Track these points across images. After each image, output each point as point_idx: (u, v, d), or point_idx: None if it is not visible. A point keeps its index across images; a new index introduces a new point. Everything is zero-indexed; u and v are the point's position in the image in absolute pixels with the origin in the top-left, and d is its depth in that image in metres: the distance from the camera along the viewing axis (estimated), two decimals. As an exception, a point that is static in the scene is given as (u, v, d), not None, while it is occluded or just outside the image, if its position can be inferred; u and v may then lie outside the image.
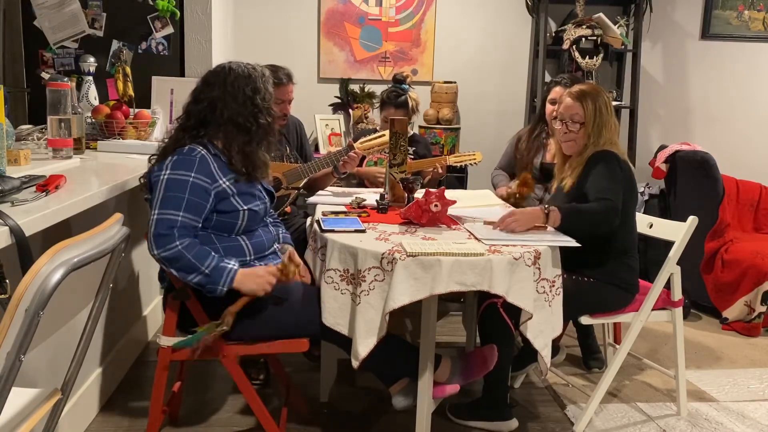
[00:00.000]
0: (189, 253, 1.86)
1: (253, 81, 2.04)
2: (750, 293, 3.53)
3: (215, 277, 1.88)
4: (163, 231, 1.86)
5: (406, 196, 2.50)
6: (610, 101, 2.45)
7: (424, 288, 1.88)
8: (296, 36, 4.31)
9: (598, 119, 2.37)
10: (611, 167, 2.31)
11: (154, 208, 1.90)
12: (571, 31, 4.08)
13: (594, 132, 2.38)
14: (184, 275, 1.87)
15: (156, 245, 1.85)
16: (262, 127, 2.05)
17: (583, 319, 2.38)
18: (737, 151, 4.58)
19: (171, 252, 1.85)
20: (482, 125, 4.47)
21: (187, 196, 1.90)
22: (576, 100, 2.40)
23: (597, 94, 2.41)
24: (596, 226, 2.24)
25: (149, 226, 1.88)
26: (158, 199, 1.90)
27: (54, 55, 3.42)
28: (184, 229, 1.88)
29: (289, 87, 2.78)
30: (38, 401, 1.40)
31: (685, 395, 2.57)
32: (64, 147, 2.35)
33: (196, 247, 1.88)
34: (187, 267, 1.86)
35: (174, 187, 1.91)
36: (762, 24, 4.53)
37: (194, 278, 1.87)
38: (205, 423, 2.40)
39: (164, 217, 1.87)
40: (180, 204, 1.89)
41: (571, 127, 2.40)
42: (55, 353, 1.91)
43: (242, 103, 2.01)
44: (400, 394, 2.10)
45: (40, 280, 1.11)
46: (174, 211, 1.88)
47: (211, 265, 1.88)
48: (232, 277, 1.89)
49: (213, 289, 1.88)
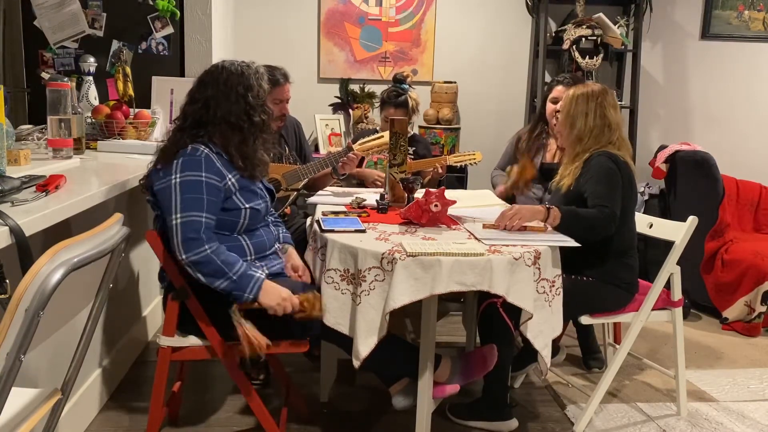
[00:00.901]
0: (218, 258, 1.85)
1: (245, 78, 2.03)
2: (750, 293, 3.53)
3: (242, 284, 1.87)
4: (191, 235, 1.85)
5: (406, 196, 2.50)
6: (611, 102, 2.45)
7: (424, 288, 1.88)
8: (296, 36, 4.31)
9: (574, 110, 2.40)
10: (610, 172, 2.32)
11: (175, 213, 1.87)
12: (571, 31, 4.08)
13: (570, 123, 2.41)
14: (212, 280, 1.86)
15: (185, 249, 1.84)
16: (256, 125, 2.04)
17: (583, 319, 2.38)
18: (737, 151, 4.58)
19: (200, 256, 1.84)
20: (482, 125, 4.47)
21: (206, 196, 1.90)
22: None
23: (593, 93, 2.42)
24: (592, 232, 2.25)
25: (173, 230, 1.85)
26: (177, 202, 1.88)
27: (54, 55, 3.42)
28: (209, 231, 1.88)
29: (285, 87, 2.78)
30: (38, 401, 1.40)
31: (685, 395, 2.57)
32: (64, 147, 2.35)
33: (224, 253, 1.88)
34: (215, 272, 1.85)
35: (190, 188, 1.89)
36: (762, 24, 4.53)
37: (221, 284, 1.86)
38: (205, 423, 2.40)
39: (188, 220, 1.86)
40: (201, 205, 1.89)
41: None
42: (55, 353, 1.91)
43: (234, 102, 2.01)
44: (400, 394, 2.10)
45: (40, 280, 1.11)
46: (198, 213, 1.87)
47: (240, 271, 1.87)
48: (260, 286, 1.89)
49: (239, 296, 1.87)
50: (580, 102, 2.41)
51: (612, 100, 2.45)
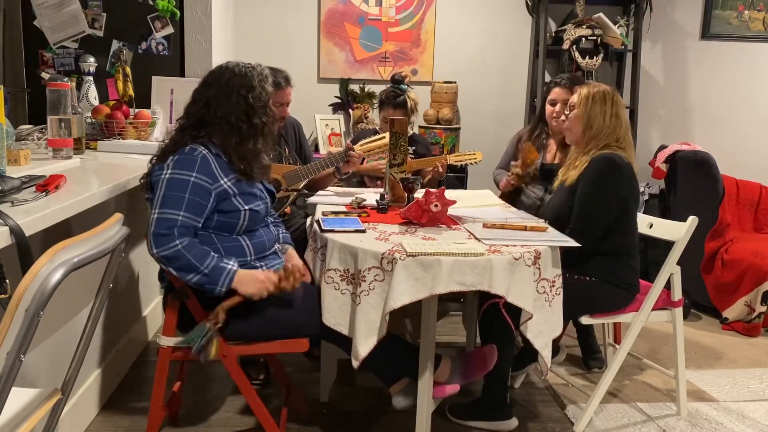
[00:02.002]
0: (188, 253, 1.86)
1: (248, 80, 2.03)
2: (750, 293, 3.53)
3: (214, 277, 1.88)
4: (163, 230, 1.86)
5: (406, 196, 2.50)
6: (621, 102, 2.46)
7: (424, 288, 1.88)
8: (296, 36, 4.31)
9: (591, 110, 2.40)
10: (599, 183, 2.32)
11: (155, 207, 1.90)
12: (571, 31, 4.08)
13: (589, 123, 2.40)
14: (183, 275, 1.87)
15: (155, 244, 1.85)
16: (255, 126, 2.04)
17: (583, 319, 2.38)
18: (737, 151, 4.58)
19: (170, 251, 1.85)
20: (482, 125, 4.47)
21: (188, 195, 1.90)
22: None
23: (607, 92, 2.43)
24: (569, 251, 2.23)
25: (149, 224, 1.88)
26: (159, 198, 1.90)
27: (54, 55, 3.42)
28: (184, 229, 1.88)
29: (287, 90, 2.78)
30: (38, 401, 1.40)
31: (685, 395, 2.57)
32: (64, 147, 2.35)
33: (195, 247, 1.88)
34: (186, 267, 1.86)
35: (175, 186, 1.90)
36: (762, 24, 4.53)
37: (193, 278, 1.87)
38: (205, 423, 2.40)
39: (164, 216, 1.87)
40: (180, 203, 1.89)
41: (566, 114, 2.48)
42: (55, 353, 1.91)
43: (235, 103, 2.01)
44: (400, 394, 2.10)
45: (40, 280, 1.11)
46: (174, 211, 1.88)
47: (211, 265, 1.88)
48: (231, 277, 1.90)
49: (212, 289, 1.88)
50: (597, 101, 2.41)
51: (621, 99, 2.48)
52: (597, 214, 2.33)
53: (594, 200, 2.33)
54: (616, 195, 2.34)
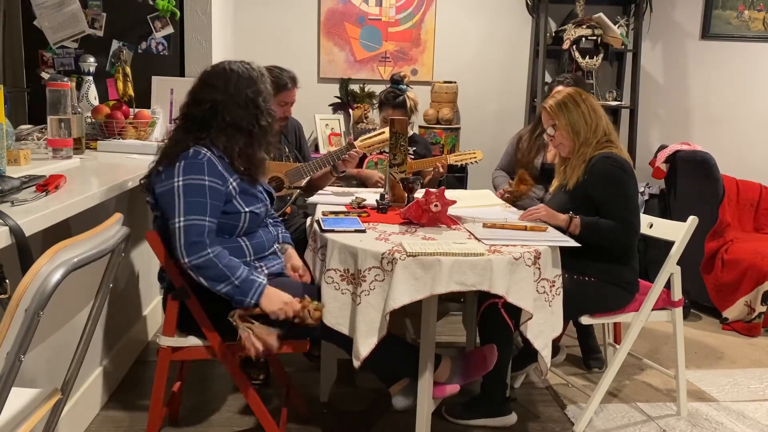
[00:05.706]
0: (220, 263, 1.85)
1: (254, 82, 2.03)
2: (750, 293, 3.53)
3: (245, 289, 1.87)
4: (194, 238, 1.85)
5: (406, 196, 2.50)
6: (589, 101, 2.45)
7: (424, 288, 1.88)
8: (296, 36, 4.31)
9: (570, 117, 2.41)
10: (621, 181, 2.34)
11: (178, 216, 1.87)
12: (571, 31, 4.09)
13: (574, 131, 2.41)
14: (213, 284, 1.86)
15: (187, 253, 1.84)
16: (263, 128, 2.05)
17: (583, 319, 2.38)
18: (737, 151, 4.58)
19: (202, 260, 1.84)
20: (482, 125, 4.47)
21: (209, 200, 1.90)
22: (544, 111, 2.49)
23: (573, 94, 2.45)
24: (612, 244, 2.32)
25: (176, 234, 1.85)
26: (180, 205, 1.88)
27: (54, 55, 3.42)
28: (212, 234, 1.89)
29: (293, 91, 2.78)
30: (38, 401, 1.40)
31: (685, 395, 2.57)
32: (64, 147, 2.35)
33: (226, 257, 1.88)
34: (217, 276, 1.85)
35: (193, 192, 1.89)
36: (762, 24, 4.53)
37: (223, 288, 1.86)
38: (205, 423, 2.40)
39: (192, 224, 1.86)
40: (205, 209, 1.89)
41: (552, 134, 2.47)
42: (55, 353, 1.91)
43: (245, 107, 2.01)
44: (400, 394, 2.10)
45: (40, 280, 1.11)
46: (201, 217, 1.87)
47: (242, 276, 1.87)
48: (261, 291, 1.89)
49: (241, 300, 1.87)
50: (570, 108, 2.41)
51: (587, 93, 2.50)
52: (632, 212, 2.35)
53: (622, 189, 2.34)
54: (635, 189, 2.39)
